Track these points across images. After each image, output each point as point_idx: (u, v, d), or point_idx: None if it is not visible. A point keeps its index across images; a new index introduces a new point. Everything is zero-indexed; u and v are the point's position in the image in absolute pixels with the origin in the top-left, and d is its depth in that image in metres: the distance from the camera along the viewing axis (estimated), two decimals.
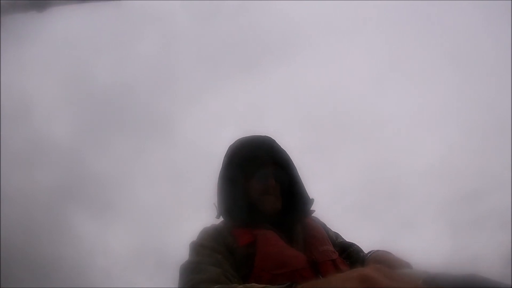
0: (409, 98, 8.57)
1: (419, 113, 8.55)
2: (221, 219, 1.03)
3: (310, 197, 1.06)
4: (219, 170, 1.08)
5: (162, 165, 8.00)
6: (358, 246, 1.03)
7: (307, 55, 8.66)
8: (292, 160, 1.08)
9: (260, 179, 1.01)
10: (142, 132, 8.00)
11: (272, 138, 1.10)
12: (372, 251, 0.93)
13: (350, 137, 8.59)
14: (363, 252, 0.99)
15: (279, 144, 1.09)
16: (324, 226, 1.08)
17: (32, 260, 5.14)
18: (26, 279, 4.83)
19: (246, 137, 1.11)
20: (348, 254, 1.00)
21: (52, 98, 6.75)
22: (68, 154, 6.68)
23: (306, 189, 1.07)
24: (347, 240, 1.09)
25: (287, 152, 1.08)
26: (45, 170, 6.20)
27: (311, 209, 1.05)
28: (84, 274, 5.86)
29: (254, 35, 8.28)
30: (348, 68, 8.78)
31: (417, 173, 7.53)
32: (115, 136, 7.49)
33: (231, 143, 1.11)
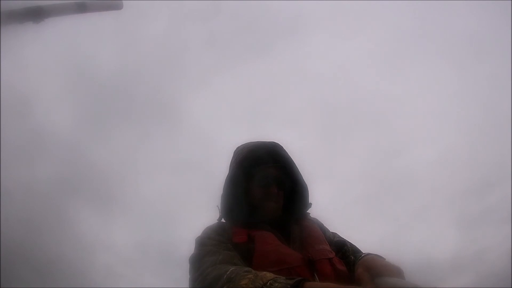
0: (416, 94, 8.59)
1: (426, 109, 8.53)
2: (223, 219, 1.05)
3: (309, 202, 1.07)
4: (226, 172, 1.10)
5: (166, 157, 7.99)
6: (352, 245, 1.04)
7: (316, 40, 8.62)
8: (296, 164, 1.07)
9: (262, 184, 1.01)
10: (144, 123, 7.95)
11: (278, 143, 1.10)
12: (363, 254, 0.92)
13: (359, 128, 8.61)
14: (356, 253, 1.00)
15: (284, 149, 1.09)
16: (321, 227, 1.09)
17: (33, 258, 5.11)
18: (27, 278, 4.80)
19: (252, 141, 1.12)
20: (343, 253, 1.01)
21: (53, 88, 6.64)
22: (69, 147, 6.60)
23: (309, 193, 1.07)
24: (342, 238, 1.09)
25: (292, 157, 1.08)
26: (46, 164, 6.15)
27: (307, 212, 1.08)
28: (86, 271, 5.84)
29: (263, 20, 8.20)
30: (358, 58, 8.76)
31: (425, 165, 7.59)
32: (117, 128, 7.44)
33: (238, 146, 1.12)
